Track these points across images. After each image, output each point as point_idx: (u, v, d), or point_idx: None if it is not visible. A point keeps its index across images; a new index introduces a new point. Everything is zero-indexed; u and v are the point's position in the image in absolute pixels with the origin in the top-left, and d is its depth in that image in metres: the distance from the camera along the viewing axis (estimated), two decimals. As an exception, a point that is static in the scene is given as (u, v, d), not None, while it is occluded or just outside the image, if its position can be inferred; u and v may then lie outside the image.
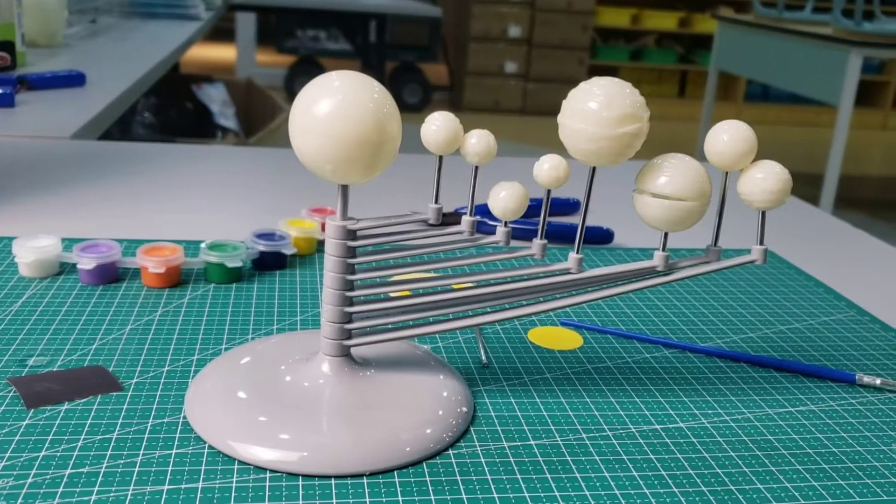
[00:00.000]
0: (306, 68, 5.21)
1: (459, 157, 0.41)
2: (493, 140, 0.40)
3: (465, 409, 0.42)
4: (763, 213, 0.41)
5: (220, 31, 4.88)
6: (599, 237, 0.70)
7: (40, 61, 1.39)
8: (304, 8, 3.93)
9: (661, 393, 0.47)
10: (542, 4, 5.22)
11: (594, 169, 0.40)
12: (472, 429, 0.42)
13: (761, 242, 0.42)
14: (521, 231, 0.69)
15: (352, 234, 0.40)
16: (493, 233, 0.69)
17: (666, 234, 0.41)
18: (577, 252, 0.42)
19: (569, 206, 0.78)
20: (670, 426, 0.43)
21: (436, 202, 0.41)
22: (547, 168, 0.39)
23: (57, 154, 0.88)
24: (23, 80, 1.15)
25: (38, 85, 1.17)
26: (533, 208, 0.74)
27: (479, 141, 0.40)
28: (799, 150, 5.01)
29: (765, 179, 0.39)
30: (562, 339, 0.52)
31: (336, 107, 0.37)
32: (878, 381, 0.48)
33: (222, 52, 5.61)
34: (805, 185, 3.93)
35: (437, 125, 0.39)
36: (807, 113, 5.69)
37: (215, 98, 2.74)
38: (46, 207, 0.71)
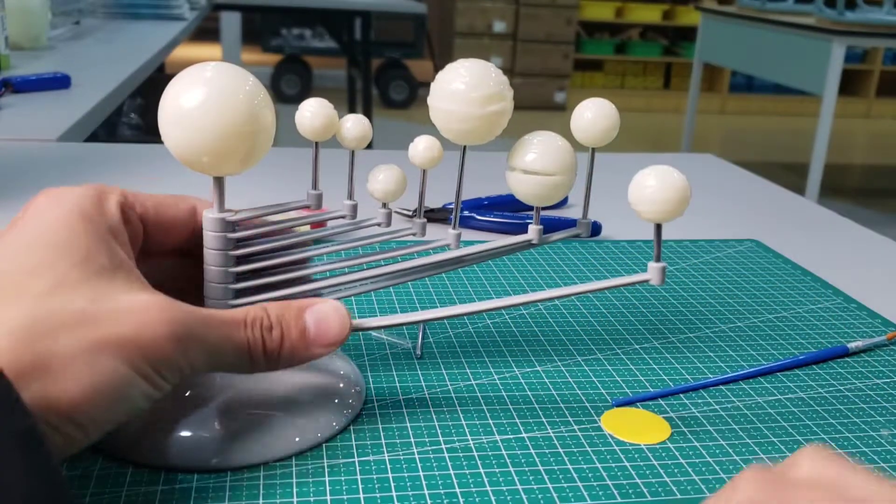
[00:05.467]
0: (292, 67, 5.21)
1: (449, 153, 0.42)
2: (367, 124, 0.40)
3: (357, 388, 0.43)
4: (658, 227, 0.39)
5: (205, 31, 4.86)
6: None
7: (24, 64, 1.38)
8: (288, 6, 3.92)
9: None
10: (526, -1, 5.22)
11: (465, 148, 0.41)
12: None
13: (658, 259, 0.39)
14: (498, 224, 0.70)
15: (231, 226, 0.39)
16: (481, 227, 0.70)
17: (538, 209, 0.43)
18: (455, 228, 0.43)
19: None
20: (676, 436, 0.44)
21: (314, 188, 0.41)
22: (422, 149, 0.40)
23: (43, 157, 0.88)
24: (7, 83, 1.15)
25: (22, 88, 1.17)
26: (508, 203, 0.75)
27: (353, 125, 0.40)
28: (783, 139, 5.03)
29: (658, 190, 0.37)
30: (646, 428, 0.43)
31: (207, 97, 0.35)
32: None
33: (207, 52, 5.58)
34: (790, 175, 3.96)
35: (312, 112, 0.39)
36: (791, 103, 5.72)
37: (201, 98, 2.71)
38: (34, 210, 0.71)
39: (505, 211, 0.72)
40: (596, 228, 0.70)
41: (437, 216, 0.72)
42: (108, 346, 0.30)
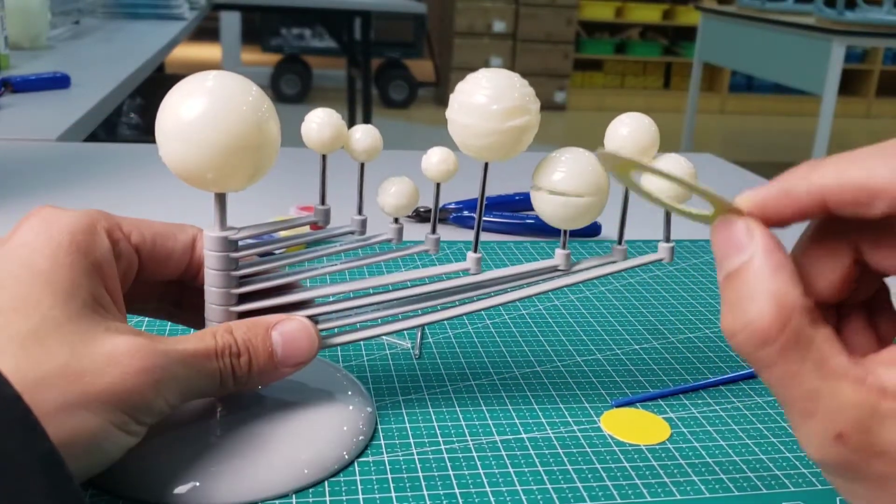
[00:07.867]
0: (292, 67, 5.21)
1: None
2: (377, 135, 0.38)
3: (361, 426, 0.40)
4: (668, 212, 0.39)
5: (205, 31, 4.87)
6: (587, 230, 0.70)
7: (24, 63, 1.38)
8: (288, 6, 3.92)
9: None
10: (526, -2, 5.22)
11: (486, 166, 0.38)
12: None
13: (667, 240, 0.40)
14: (499, 225, 0.70)
15: (233, 245, 0.37)
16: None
17: (565, 232, 0.40)
18: (476, 251, 0.40)
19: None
20: (680, 444, 0.44)
21: (322, 203, 0.39)
22: (436, 161, 0.38)
23: (43, 156, 0.87)
24: (7, 83, 1.15)
25: (22, 87, 1.17)
26: (509, 203, 0.75)
27: (363, 137, 0.37)
28: (784, 139, 5.03)
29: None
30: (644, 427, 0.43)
31: (209, 108, 0.33)
32: None
33: (207, 52, 5.59)
34: (791, 175, 3.95)
35: (319, 122, 0.37)
36: (791, 102, 5.72)
37: (201, 98, 2.71)
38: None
39: (504, 211, 0.72)
40: (595, 228, 0.70)
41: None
42: (87, 401, 0.30)
